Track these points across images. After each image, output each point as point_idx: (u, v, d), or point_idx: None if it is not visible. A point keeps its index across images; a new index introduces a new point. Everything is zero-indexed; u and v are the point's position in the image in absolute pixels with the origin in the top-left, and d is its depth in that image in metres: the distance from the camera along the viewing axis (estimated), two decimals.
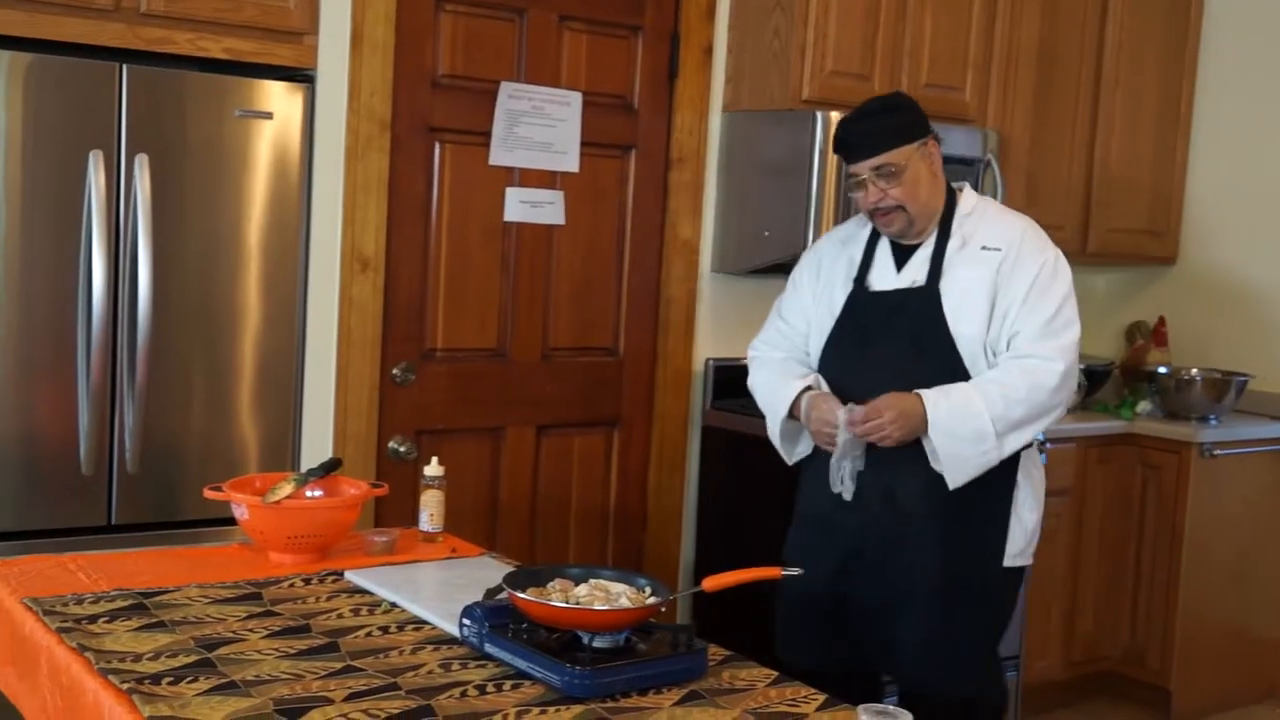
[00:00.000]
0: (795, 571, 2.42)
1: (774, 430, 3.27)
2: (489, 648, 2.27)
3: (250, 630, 2.36)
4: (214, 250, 3.56)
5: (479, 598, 2.39)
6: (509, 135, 4.08)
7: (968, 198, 3.21)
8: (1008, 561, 3.16)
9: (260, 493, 2.85)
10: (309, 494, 2.95)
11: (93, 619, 2.37)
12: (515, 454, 4.23)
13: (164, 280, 3.48)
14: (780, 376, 3.24)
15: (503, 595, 2.32)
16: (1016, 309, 3.07)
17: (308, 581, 2.69)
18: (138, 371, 3.44)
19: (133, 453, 3.47)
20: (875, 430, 3.01)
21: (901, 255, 3.18)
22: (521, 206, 4.15)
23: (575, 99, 4.20)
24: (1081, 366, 5.23)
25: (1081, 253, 5.33)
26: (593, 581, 2.36)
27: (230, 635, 2.33)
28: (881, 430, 3.00)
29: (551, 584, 2.35)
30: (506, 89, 4.06)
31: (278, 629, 2.37)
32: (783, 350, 3.33)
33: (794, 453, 3.31)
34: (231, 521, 2.91)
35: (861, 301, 3.18)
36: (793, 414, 3.19)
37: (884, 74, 4.56)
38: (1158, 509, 5.06)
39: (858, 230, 3.28)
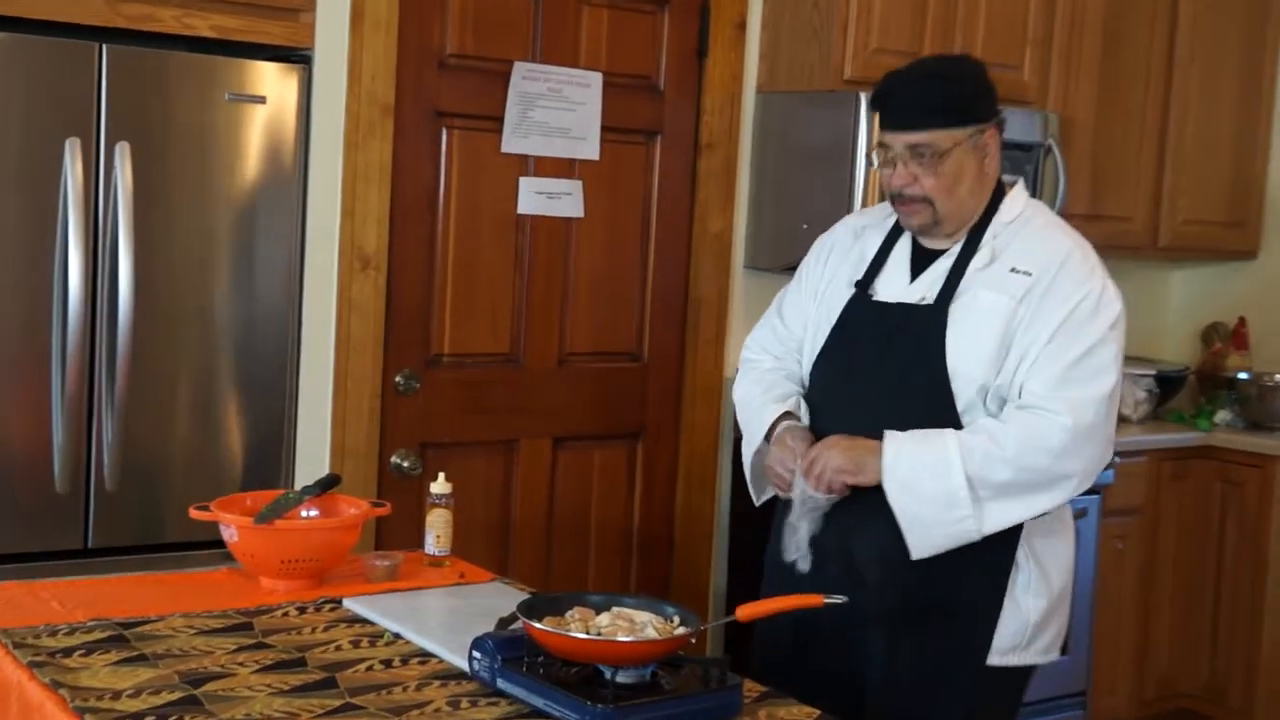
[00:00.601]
0: (838, 600, 2.41)
1: (746, 459, 3.02)
2: (502, 683, 2.26)
3: (240, 664, 2.36)
4: (201, 247, 3.57)
5: (490, 628, 2.38)
6: (523, 120, 4.08)
7: (1015, 201, 2.87)
8: (996, 659, 2.79)
9: (251, 512, 2.85)
10: (304, 514, 2.95)
11: (68, 652, 2.37)
12: (529, 469, 4.23)
13: (146, 280, 3.48)
14: (762, 394, 2.97)
15: (516, 625, 2.32)
16: (1038, 350, 2.71)
17: (303, 610, 2.69)
18: (117, 380, 3.45)
19: (111, 469, 3.48)
20: (813, 470, 2.73)
21: (921, 260, 2.87)
22: (536, 198, 4.15)
23: (595, 80, 4.20)
24: (1153, 373, 5.24)
25: (1152, 247, 5.32)
26: (615, 610, 2.36)
27: (218, 670, 2.32)
28: (820, 472, 2.73)
29: (570, 613, 2.34)
30: (520, 70, 4.06)
31: (270, 663, 2.37)
32: (775, 355, 3.08)
33: (763, 491, 3.04)
34: (220, 544, 2.91)
35: (860, 311, 2.89)
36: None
37: (934, 50, 4.53)
38: (1239, 529, 5.03)
39: (881, 220, 2.98)
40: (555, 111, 4.13)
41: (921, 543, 2.70)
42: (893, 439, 2.70)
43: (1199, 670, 5.14)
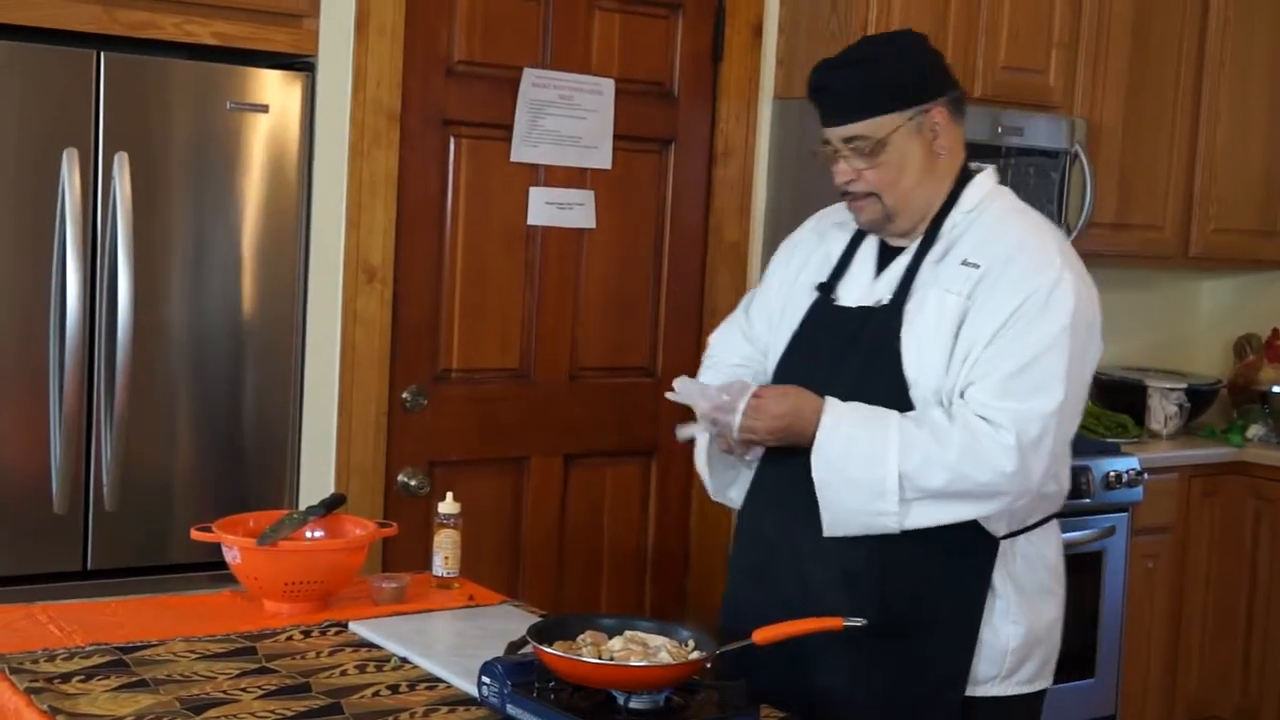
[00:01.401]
0: (858, 622, 2.40)
1: (700, 449, 2.86)
2: (511, 709, 2.26)
3: (243, 690, 2.36)
4: (202, 260, 3.58)
5: (500, 652, 2.38)
6: (533, 128, 4.09)
7: (977, 187, 2.72)
8: (976, 689, 2.67)
9: (254, 534, 2.85)
10: (309, 535, 2.95)
11: (66, 677, 2.38)
12: (540, 488, 4.23)
13: (146, 294, 3.49)
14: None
15: (527, 649, 2.32)
16: (979, 351, 2.57)
17: (307, 634, 2.69)
18: (116, 397, 3.46)
19: (111, 489, 3.49)
20: (750, 408, 2.60)
21: (885, 259, 2.76)
22: (547, 208, 4.16)
23: (607, 87, 4.21)
24: (1183, 386, 5.23)
25: (1183, 256, 5.32)
26: (628, 634, 2.36)
27: (220, 695, 2.33)
28: (752, 424, 2.61)
29: (582, 636, 2.34)
30: (530, 76, 4.07)
31: (274, 688, 2.37)
32: (739, 356, 2.98)
33: (725, 488, 2.92)
34: (222, 566, 2.92)
35: (821, 316, 2.79)
36: None
37: (957, 55, 4.54)
38: (1272, 546, 5.02)
39: (847, 218, 2.83)
40: (566, 119, 4.14)
41: (835, 523, 2.61)
42: (833, 413, 2.59)
43: (1230, 692, 5.12)
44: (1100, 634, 4.67)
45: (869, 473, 2.55)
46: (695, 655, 2.29)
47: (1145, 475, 4.70)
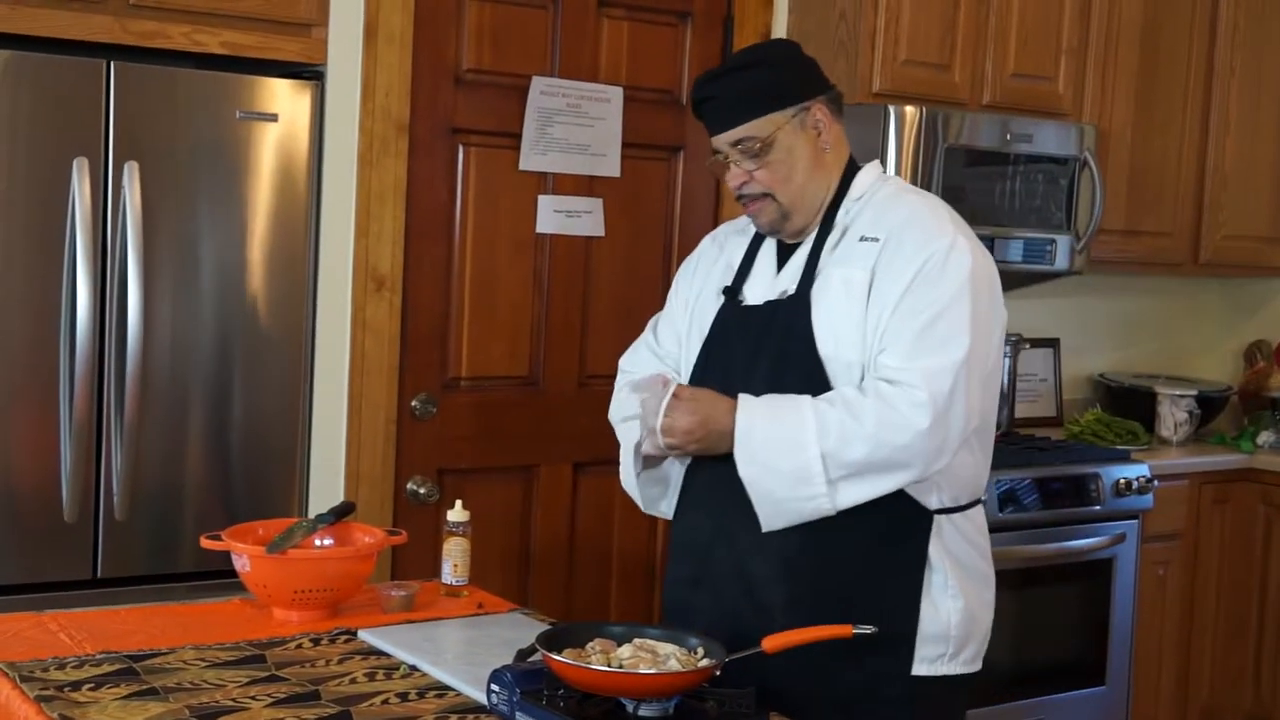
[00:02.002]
0: (867, 630, 2.41)
1: (626, 462, 2.88)
2: (520, 717, 2.26)
3: (252, 698, 2.36)
4: (212, 269, 3.59)
5: (509, 660, 2.39)
6: (541, 136, 4.09)
7: (865, 175, 2.80)
8: (922, 668, 2.68)
9: (263, 542, 2.86)
10: (318, 543, 2.96)
11: (76, 685, 2.38)
12: (549, 496, 4.24)
13: (156, 303, 3.50)
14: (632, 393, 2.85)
15: (536, 657, 2.32)
16: (888, 317, 2.62)
17: (317, 642, 2.70)
18: (126, 406, 3.47)
19: (121, 497, 3.50)
20: (663, 426, 2.63)
21: (784, 255, 2.82)
22: (556, 216, 4.16)
23: (616, 95, 4.21)
24: (1194, 393, 5.22)
25: (1193, 263, 5.31)
26: (637, 641, 2.36)
27: (230, 703, 2.33)
28: (669, 428, 2.64)
29: (591, 644, 2.35)
30: (538, 85, 4.08)
31: (283, 696, 2.38)
32: (652, 371, 2.96)
33: (655, 501, 2.94)
34: (231, 574, 2.92)
35: (729, 318, 2.82)
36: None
37: (965, 62, 4.56)
38: None
39: (744, 225, 2.92)
40: (574, 127, 4.15)
41: (772, 517, 2.63)
42: (746, 409, 2.62)
43: (1242, 700, 5.11)
44: (1111, 642, 4.66)
45: (792, 460, 2.57)
46: (704, 663, 2.30)
47: (1155, 482, 4.69)
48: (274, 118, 3.63)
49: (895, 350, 2.59)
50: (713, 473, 2.74)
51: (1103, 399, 5.46)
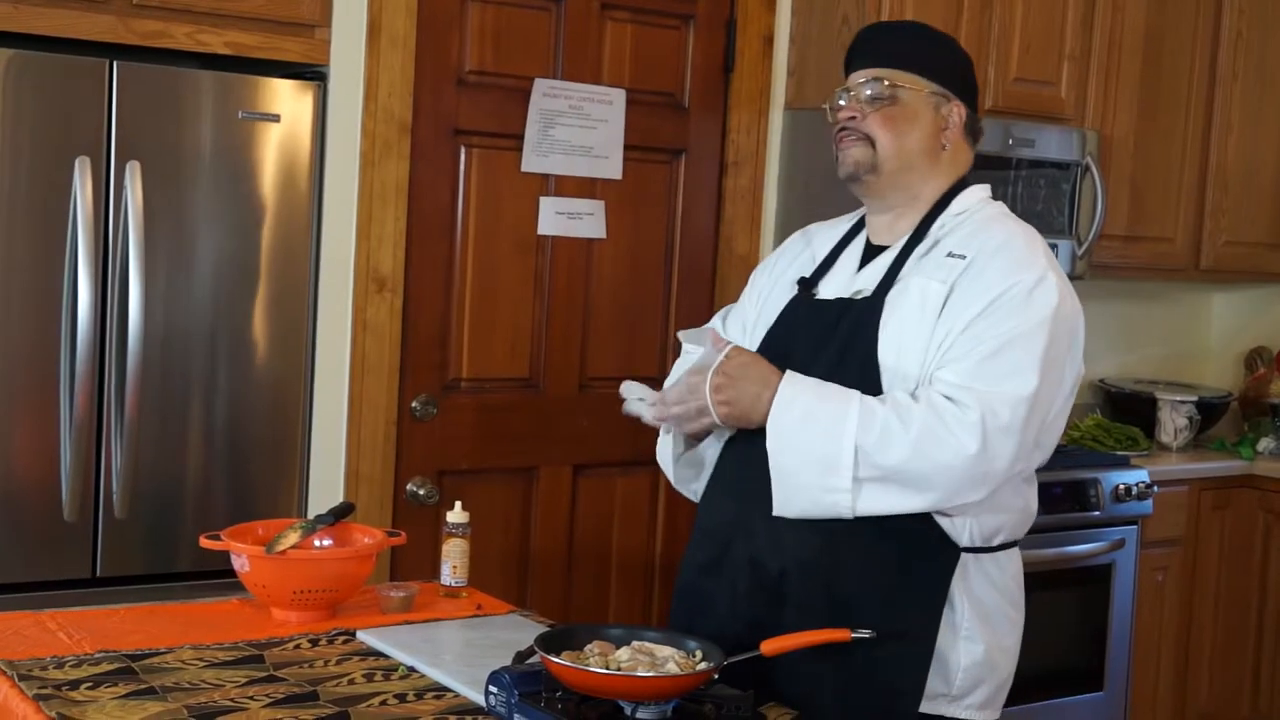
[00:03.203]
0: (865, 633, 2.41)
1: (665, 440, 2.88)
2: (518, 718, 2.27)
3: (251, 698, 2.37)
4: (213, 269, 3.60)
5: (507, 661, 2.39)
6: (544, 138, 4.10)
7: (971, 194, 2.72)
8: (930, 706, 2.57)
9: (263, 542, 2.86)
10: (317, 543, 2.95)
11: (74, 685, 2.38)
12: (549, 498, 4.24)
13: (157, 303, 3.51)
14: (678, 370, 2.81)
15: (534, 659, 2.32)
16: (955, 336, 2.52)
17: (315, 642, 2.70)
18: (127, 405, 3.47)
19: (121, 497, 3.50)
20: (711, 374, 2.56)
21: (869, 256, 2.74)
22: (557, 218, 4.17)
23: (618, 97, 4.22)
24: (1193, 399, 5.22)
25: (1194, 269, 5.31)
26: (636, 644, 2.36)
27: (228, 703, 2.33)
28: (665, 410, 2.64)
29: (589, 647, 2.35)
30: (541, 86, 4.08)
31: (281, 696, 2.38)
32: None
33: (689, 482, 2.92)
34: (231, 574, 2.92)
35: (799, 310, 2.76)
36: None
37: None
38: None
39: (836, 223, 2.88)
40: (577, 129, 4.15)
41: (788, 500, 2.53)
42: (792, 381, 2.53)
43: (1240, 707, 5.11)
44: (1109, 647, 4.66)
45: (824, 445, 2.47)
46: (703, 666, 2.30)
47: (1155, 488, 4.70)
48: (276, 118, 3.64)
49: (957, 368, 2.49)
50: (746, 454, 2.66)
51: (1103, 404, 5.46)
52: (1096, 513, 4.56)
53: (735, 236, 4.45)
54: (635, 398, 2.79)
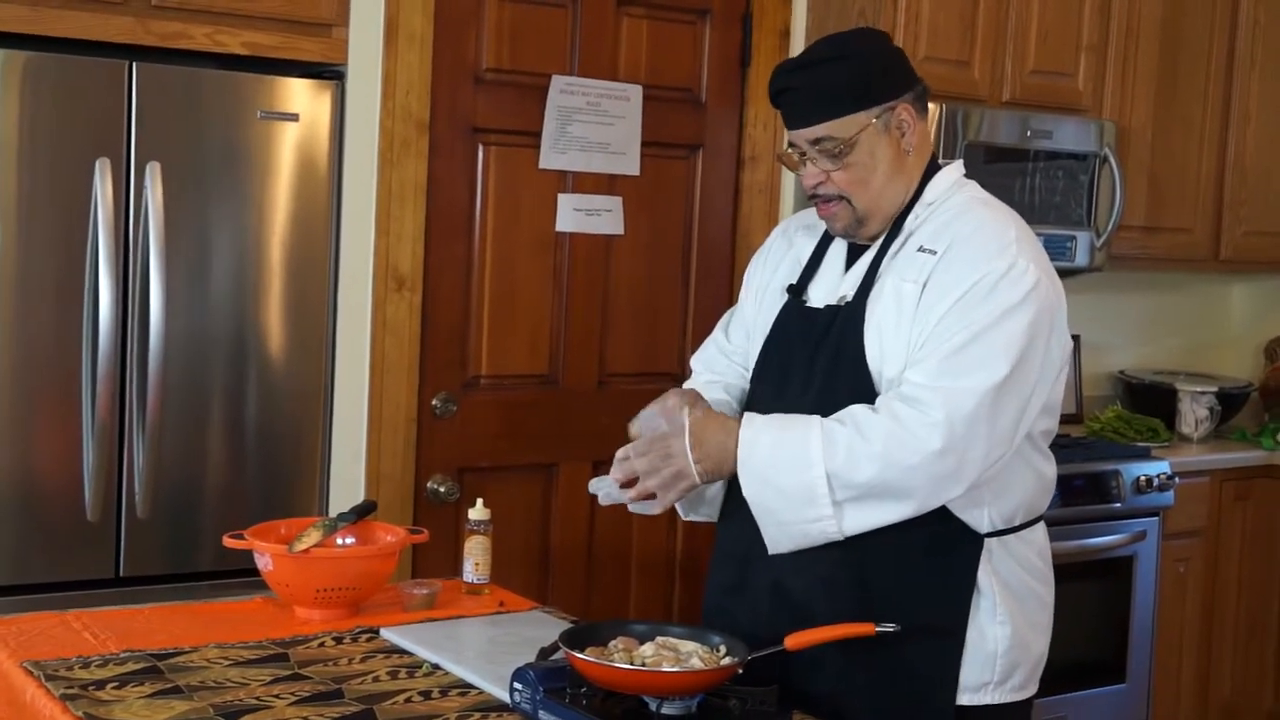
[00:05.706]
0: (891, 628, 2.40)
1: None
2: (544, 715, 2.27)
3: (276, 696, 2.38)
4: (233, 268, 3.61)
5: (531, 658, 2.39)
6: (561, 135, 4.10)
7: (942, 180, 2.64)
8: (964, 697, 2.56)
9: (285, 541, 2.87)
10: (340, 542, 2.96)
11: (100, 684, 2.40)
12: (570, 494, 4.24)
13: (178, 303, 3.52)
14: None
15: (558, 655, 2.33)
16: (929, 332, 2.49)
17: (339, 640, 2.71)
18: (149, 405, 3.48)
19: (143, 496, 3.51)
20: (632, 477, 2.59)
21: (854, 256, 2.68)
22: (575, 215, 4.17)
23: (635, 93, 4.22)
24: (1214, 390, 5.21)
25: (1214, 260, 5.30)
26: (660, 639, 2.36)
27: (254, 701, 2.34)
28: (642, 485, 2.59)
29: (613, 642, 2.35)
30: (558, 83, 4.08)
31: (306, 694, 2.39)
32: (716, 371, 2.92)
33: (695, 508, 2.84)
34: (254, 573, 2.93)
35: (790, 319, 2.72)
36: None
37: (985, 59, 4.55)
38: None
39: (814, 220, 2.77)
40: (594, 126, 4.15)
41: (778, 539, 2.52)
42: (750, 424, 2.52)
43: (1264, 699, 5.10)
44: (1131, 639, 4.66)
45: (796, 478, 2.45)
46: (727, 661, 2.30)
47: (1176, 479, 4.69)
48: (295, 118, 3.64)
49: (923, 368, 2.46)
50: None
51: (1123, 396, 5.45)
52: (1118, 505, 4.56)
53: (753, 231, 4.45)
54: (604, 491, 2.74)
